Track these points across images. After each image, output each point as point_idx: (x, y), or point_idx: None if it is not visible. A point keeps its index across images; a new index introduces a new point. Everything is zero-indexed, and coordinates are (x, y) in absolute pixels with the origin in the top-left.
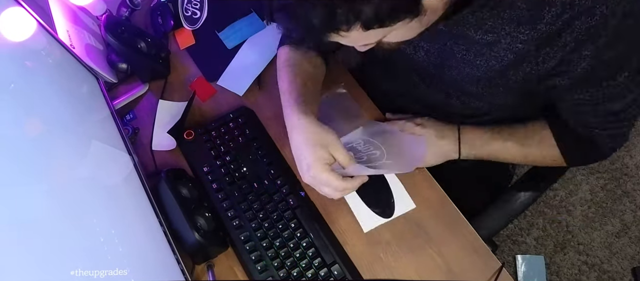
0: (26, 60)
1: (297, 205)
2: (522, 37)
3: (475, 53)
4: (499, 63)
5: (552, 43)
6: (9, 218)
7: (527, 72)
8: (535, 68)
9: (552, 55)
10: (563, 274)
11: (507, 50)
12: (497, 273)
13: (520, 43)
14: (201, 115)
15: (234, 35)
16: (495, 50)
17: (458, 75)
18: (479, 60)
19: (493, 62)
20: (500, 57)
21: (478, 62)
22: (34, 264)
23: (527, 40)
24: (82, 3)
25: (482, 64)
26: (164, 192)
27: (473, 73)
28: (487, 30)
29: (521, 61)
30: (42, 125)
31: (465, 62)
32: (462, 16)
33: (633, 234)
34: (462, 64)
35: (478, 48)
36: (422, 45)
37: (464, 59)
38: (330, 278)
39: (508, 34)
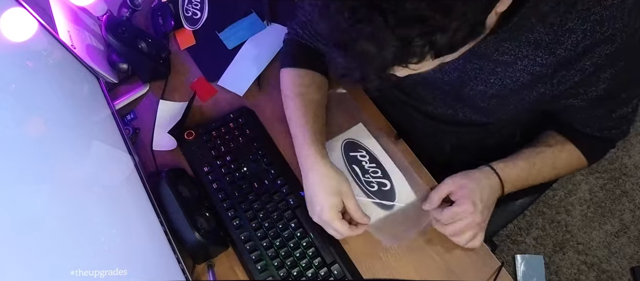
0: (27, 60)
1: (297, 204)
2: (539, 60)
3: (490, 72)
4: (514, 83)
5: (569, 67)
6: (9, 218)
7: (541, 92)
8: (550, 89)
9: (568, 78)
10: (562, 273)
11: (523, 72)
12: (497, 272)
13: (537, 66)
14: (201, 115)
15: (234, 35)
16: (510, 70)
17: (470, 91)
18: (493, 79)
19: (508, 81)
20: (516, 78)
21: (492, 81)
22: (35, 264)
23: (544, 64)
24: (83, 3)
25: (496, 83)
26: (164, 192)
27: (486, 90)
28: (504, 51)
29: (537, 82)
30: (43, 125)
31: (478, 79)
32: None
33: (632, 234)
34: (475, 81)
35: (493, 67)
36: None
37: (478, 77)
38: (330, 278)
39: (526, 56)
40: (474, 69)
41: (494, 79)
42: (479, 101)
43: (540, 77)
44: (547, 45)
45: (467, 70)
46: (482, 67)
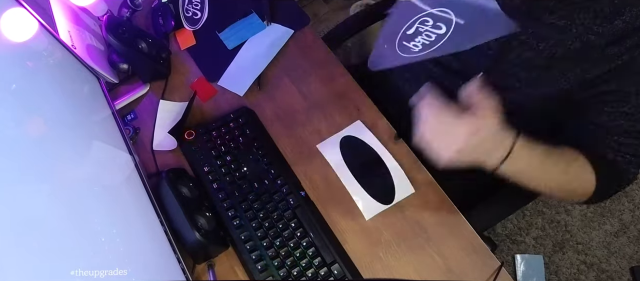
0: (28, 60)
1: (297, 204)
2: (596, 29)
3: (541, 37)
4: (564, 50)
5: (621, 42)
6: (10, 218)
7: (585, 68)
8: (594, 65)
9: (617, 55)
10: (562, 273)
11: (576, 39)
12: (496, 272)
13: (592, 34)
14: (202, 115)
15: (235, 35)
16: (563, 37)
17: (516, 58)
18: (543, 45)
19: (557, 49)
20: (567, 45)
21: (541, 47)
22: (35, 264)
23: (600, 33)
24: (84, 4)
25: (546, 50)
26: (164, 192)
27: (533, 58)
28: (562, 15)
29: (586, 54)
30: (44, 125)
31: (527, 45)
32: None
33: (631, 234)
34: (523, 47)
35: (545, 32)
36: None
37: (527, 42)
38: (330, 278)
39: (582, 23)
40: (527, 33)
41: (544, 46)
42: (520, 71)
43: (591, 48)
44: (607, 15)
45: (519, 34)
46: (534, 32)
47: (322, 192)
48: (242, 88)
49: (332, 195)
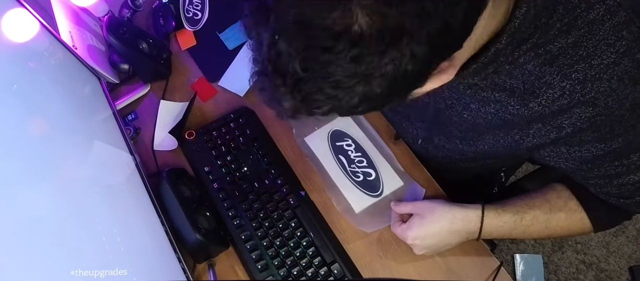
0: (29, 61)
1: (297, 204)
2: (511, 109)
3: (464, 106)
4: (486, 123)
5: (544, 121)
6: (11, 218)
7: (516, 139)
8: (524, 138)
9: (545, 133)
10: (561, 273)
11: (495, 116)
12: (496, 271)
13: (508, 114)
14: (202, 115)
15: (235, 36)
16: (482, 110)
17: (447, 120)
18: (466, 114)
19: (480, 121)
20: (488, 120)
21: (465, 116)
22: (36, 264)
23: (516, 113)
24: (84, 4)
25: (469, 118)
26: (165, 192)
27: (460, 123)
28: (477, 90)
29: (510, 128)
30: (45, 125)
31: (453, 110)
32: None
33: (630, 233)
34: (450, 111)
35: (467, 101)
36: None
37: (453, 107)
38: (330, 277)
39: (498, 100)
40: (451, 98)
41: (467, 115)
42: (455, 130)
43: (513, 124)
44: (522, 94)
45: (445, 98)
46: (457, 99)
47: (322, 191)
48: (243, 89)
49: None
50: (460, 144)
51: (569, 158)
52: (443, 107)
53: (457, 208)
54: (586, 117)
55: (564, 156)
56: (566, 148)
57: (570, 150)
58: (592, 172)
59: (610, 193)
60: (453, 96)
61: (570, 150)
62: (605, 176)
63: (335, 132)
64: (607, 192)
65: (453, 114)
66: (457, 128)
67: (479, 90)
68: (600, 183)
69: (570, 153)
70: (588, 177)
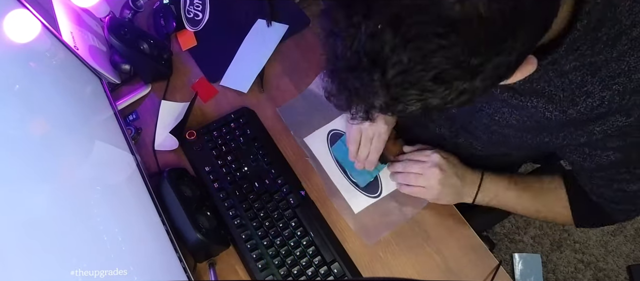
0: (31, 61)
1: (297, 204)
2: (548, 115)
3: (496, 109)
4: (519, 124)
5: (578, 127)
6: (12, 218)
7: (545, 141)
8: (554, 140)
9: (574, 137)
10: (559, 272)
11: (530, 118)
12: (495, 271)
13: (545, 119)
14: (203, 115)
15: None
16: (516, 113)
17: (474, 121)
18: (498, 117)
19: (513, 122)
20: (522, 122)
21: (497, 118)
22: (36, 263)
23: (552, 118)
24: (86, 5)
25: (501, 121)
26: (166, 191)
27: (489, 125)
28: (514, 94)
29: (541, 130)
30: (46, 125)
31: (482, 113)
32: None
33: (628, 233)
34: (480, 114)
35: (500, 105)
36: None
37: (482, 110)
38: (330, 276)
39: (534, 106)
40: (482, 101)
41: (499, 117)
42: (481, 133)
43: (546, 127)
44: (561, 101)
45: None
46: (489, 103)
47: (322, 191)
48: (245, 86)
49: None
50: (485, 145)
51: (587, 159)
52: (475, 108)
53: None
54: (617, 126)
55: (584, 156)
56: (589, 150)
57: (593, 153)
58: (600, 173)
59: (604, 195)
60: (483, 99)
61: (593, 153)
62: (609, 179)
63: (334, 133)
64: (601, 193)
65: (483, 116)
66: (485, 130)
67: (516, 94)
68: (600, 183)
69: (591, 155)
70: (593, 176)
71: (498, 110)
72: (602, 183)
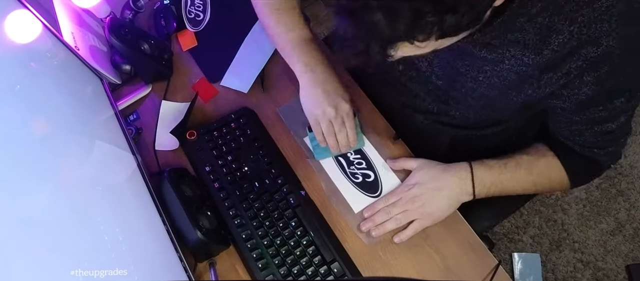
0: (32, 61)
1: (297, 204)
2: (526, 60)
3: (478, 69)
4: (501, 82)
5: (555, 68)
6: (13, 218)
7: (528, 93)
8: (536, 91)
9: (554, 81)
10: (558, 271)
11: (510, 71)
12: (494, 270)
13: (523, 66)
14: (203, 115)
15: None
16: (497, 69)
17: (461, 88)
18: (482, 77)
19: (495, 80)
20: (503, 77)
21: (480, 79)
22: (37, 263)
23: (531, 64)
24: (87, 5)
25: (485, 81)
26: (166, 191)
27: (475, 88)
28: (491, 49)
29: (523, 82)
30: (47, 125)
31: (468, 77)
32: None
33: (627, 232)
34: (464, 78)
35: (480, 64)
36: (427, 59)
37: (467, 74)
38: (329, 276)
39: (513, 56)
40: (465, 65)
41: (482, 77)
42: (469, 98)
43: (527, 77)
44: (534, 45)
45: (458, 67)
46: (471, 65)
47: (322, 191)
48: (246, 86)
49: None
50: (477, 112)
51: (566, 100)
52: (459, 73)
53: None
54: (590, 57)
55: (563, 98)
56: (567, 91)
57: (571, 92)
58: (580, 115)
59: (587, 142)
60: (466, 63)
61: (571, 92)
62: (589, 121)
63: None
64: (584, 141)
65: (468, 80)
66: (472, 94)
67: (494, 48)
68: (582, 129)
69: (570, 95)
70: (574, 121)
71: (481, 69)
72: (584, 128)
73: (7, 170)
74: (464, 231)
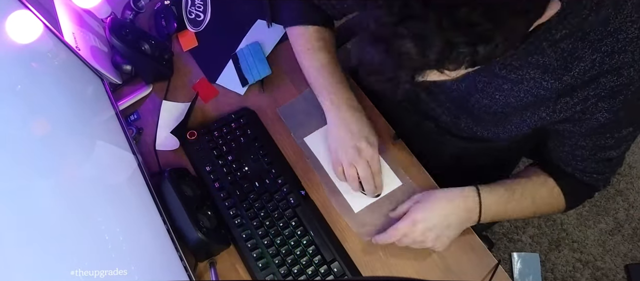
0: (33, 61)
1: (297, 203)
2: (545, 84)
3: (496, 87)
4: (518, 102)
5: (573, 94)
6: (13, 218)
7: (542, 116)
8: (551, 114)
9: (570, 106)
10: (558, 271)
11: (528, 93)
12: (494, 270)
13: (542, 89)
14: (203, 115)
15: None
16: (515, 89)
17: (475, 103)
18: (498, 95)
19: (511, 100)
20: (520, 98)
21: (497, 97)
22: (37, 263)
23: (549, 88)
24: (88, 6)
25: (501, 99)
26: (167, 191)
27: (490, 105)
28: (512, 69)
29: (539, 105)
30: (48, 125)
31: (484, 93)
32: None
33: (626, 232)
34: (481, 94)
35: (500, 83)
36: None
37: (484, 90)
38: (329, 276)
39: (532, 78)
40: (482, 81)
41: (499, 95)
42: (482, 114)
43: (544, 100)
44: (555, 70)
45: (476, 82)
46: (489, 82)
47: (322, 191)
48: (242, 87)
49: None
50: (487, 126)
51: (577, 124)
52: (476, 89)
53: (451, 189)
54: (609, 86)
55: (574, 122)
56: (581, 115)
57: (584, 117)
58: (587, 140)
59: (587, 168)
60: (484, 79)
61: (584, 117)
62: (594, 147)
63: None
64: (584, 167)
65: (484, 97)
66: (486, 110)
67: (514, 69)
68: (585, 154)
69: (583, 119)
70: (579, 145)
71: (499, 87)
72: (588, 154)
73: (7, 170)
74: (464, 232)
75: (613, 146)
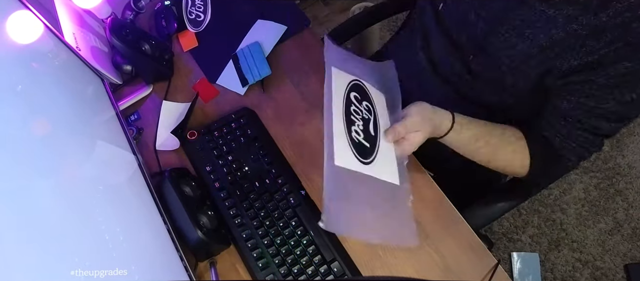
0: (33, 62)
1: (297, 203)
2: (580, 19)
3: (529, 23)
4: (547, 39)
5: (601, 37)
6: (13, 218)
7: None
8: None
9: (596, 49)
10: (557, 271)
11: (560, 28)
12: (493, 270)
13: (576, 25)
14: (204, 115)
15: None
16: (549, 26)
17: (500, 40)
18: (528, 32)
19: (541, 37)
20: (551, 33)
21: (527, 34)
22: (37, 263)
23: (584, 24)
24: (88, 6)
25: (529, 36)
26: (167, 191)
27: (516, 43)
28: (551, 4)
29: (566, 45)
30: (48, 125)
31: (515, 30)
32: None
33: (625, 232)
34: (510, 32)
35: (534, 18)
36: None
37: (515, 27)
38: (329, 275)
39: (569, 15)
40: (516, 17)
41: (528, 33)
42: (502, 54)
43: (573, 39)
44: (593, 7)
45: (509, 17)
46: (524, 19)
47: (322, 191)
48: (242, 87)
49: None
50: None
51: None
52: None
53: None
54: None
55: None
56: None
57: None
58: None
59: (570, 134)
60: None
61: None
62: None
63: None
64: (567, 132)
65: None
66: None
67: (555, 4)
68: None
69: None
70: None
71: (532, 24)
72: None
73: (8, 170)
74: (464, 231)
75: (610, 115)
